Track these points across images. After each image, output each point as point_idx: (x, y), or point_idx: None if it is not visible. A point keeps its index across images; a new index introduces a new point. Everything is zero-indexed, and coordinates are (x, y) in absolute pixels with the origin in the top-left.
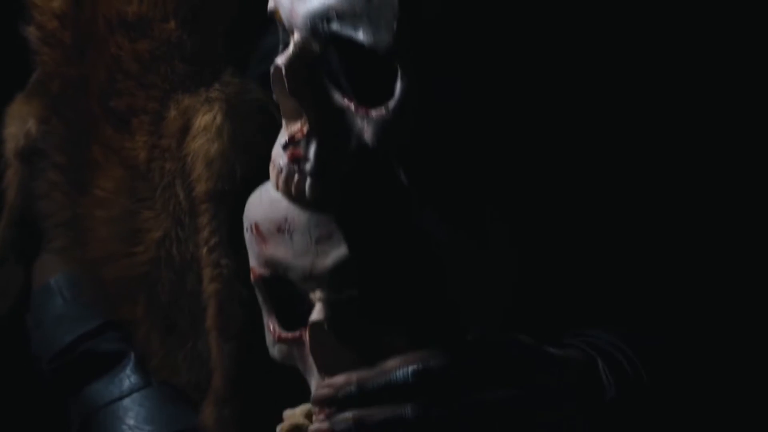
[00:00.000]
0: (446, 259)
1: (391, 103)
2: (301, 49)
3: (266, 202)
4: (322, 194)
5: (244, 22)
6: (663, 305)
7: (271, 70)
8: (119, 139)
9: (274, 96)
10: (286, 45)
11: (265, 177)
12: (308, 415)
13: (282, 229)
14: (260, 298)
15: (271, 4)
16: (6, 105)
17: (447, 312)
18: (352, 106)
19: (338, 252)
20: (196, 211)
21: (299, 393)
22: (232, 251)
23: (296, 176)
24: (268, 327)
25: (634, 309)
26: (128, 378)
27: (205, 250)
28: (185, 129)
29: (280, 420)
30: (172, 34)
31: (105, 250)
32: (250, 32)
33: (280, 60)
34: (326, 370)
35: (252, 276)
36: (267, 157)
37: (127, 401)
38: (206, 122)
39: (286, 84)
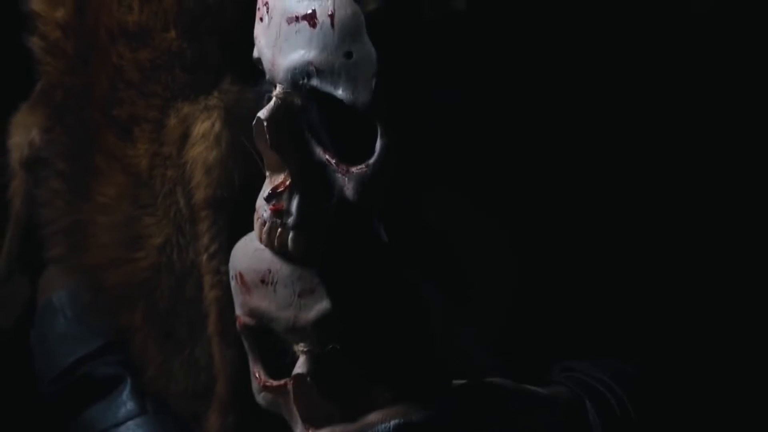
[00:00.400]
0: (429, 313)
1: (372, 161)
2: (283, 103)
3: (251, 252)
4: (305, 248)
5: (243, 31)
6: (651, 338)
7: (254, 122)
8: (122, 147)
9: (258, 147)
10: (269, 97)
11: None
12: None
13: (266, 280)
14: (246, 346)
15: (255, 53)
16: (11, 115)
17: (430, 364)
18: (333, 162)
19: (321, 306)
20: (196, 217)
21: None
22: None
23: (279, 229)
24: (254, 374)
25: (623, 341)
26: (124, 405)
27: (205, 257)
28: (185, 136)
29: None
30: (172, 43)
31: (106, 256)
32: (249, 41)
33: (262, 113)
34: (310, 422)
35: (237, 324)
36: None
37: (122, 429)
38: (205, 130)
39: (267, 137)
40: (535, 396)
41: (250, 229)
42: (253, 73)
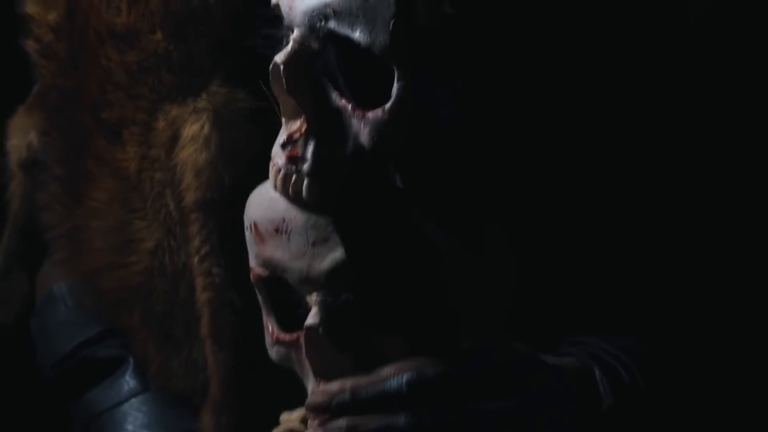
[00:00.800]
0: (444, 264)
1: (388, 105)
2: (300, 47)
3: (265, 202)
4: (320, 195)
5: (231, 33)
6: (658, 311)
7: (270, 67)
8: (111, 150)
9: (274, 93)
10: (287, 41)
11: (254, 185)
12: (304, 420)
13: (280, 229)
14: (260, 298)
15: None
16: (9, 118)
17: (444, 318)
18: (349, 107)
19: (334, 255)
20: (186, 220)
21: (297, 399)
22: (223, 259)
23: (294, 176)
24: (267, 327)
25: (629, 315)
26: (127, 383)
27: (196, 259)
28: (174, 139)
29: (278, 424)
30: (159, 45)
31: (101, 261)
32: (237, 42)
33: (279, 57)
34: (322, 375)
35: (252, 275)
36: (255, 166)
37: (125, 406)
38: (194, 132)
39: (284, 82)
40: (547, 363)
41: (241, 230)
42: (243, 74)
